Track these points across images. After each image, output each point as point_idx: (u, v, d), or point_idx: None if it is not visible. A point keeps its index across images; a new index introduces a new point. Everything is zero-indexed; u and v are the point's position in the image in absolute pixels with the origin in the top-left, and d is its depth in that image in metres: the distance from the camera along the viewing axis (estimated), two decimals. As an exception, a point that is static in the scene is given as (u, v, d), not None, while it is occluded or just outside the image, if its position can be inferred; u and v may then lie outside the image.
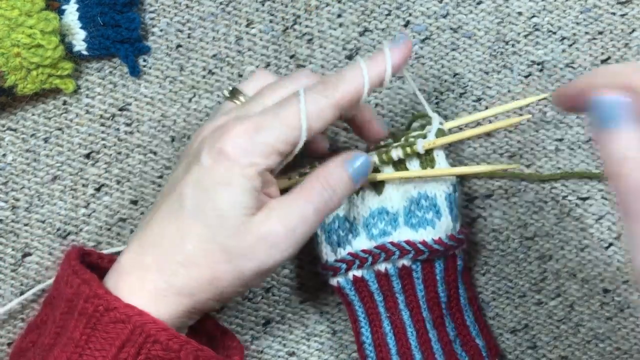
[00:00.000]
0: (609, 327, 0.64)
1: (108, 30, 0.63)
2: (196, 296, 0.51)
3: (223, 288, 0.51)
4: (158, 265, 0.51)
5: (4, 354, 0.63)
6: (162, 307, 0.50)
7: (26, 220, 0.64)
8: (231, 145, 0.50)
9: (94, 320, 0.49)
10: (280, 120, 0.51)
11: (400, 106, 0.65)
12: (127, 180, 0.64)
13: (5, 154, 0.64)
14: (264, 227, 0.50)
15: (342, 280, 0.60)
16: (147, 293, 0.50)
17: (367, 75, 0.52)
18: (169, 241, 0.51)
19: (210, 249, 0.50)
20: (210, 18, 0.65)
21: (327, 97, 0.51)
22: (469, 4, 0.65)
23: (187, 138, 0.64)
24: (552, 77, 0.65)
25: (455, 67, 0.65)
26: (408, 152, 0.58)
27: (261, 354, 0.65)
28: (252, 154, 0.50)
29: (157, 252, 0.51)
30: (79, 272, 0.52)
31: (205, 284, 0.51)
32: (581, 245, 0.64)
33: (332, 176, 0.53)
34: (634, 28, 0.65)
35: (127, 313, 0.49)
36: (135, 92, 0.65)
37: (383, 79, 0.53)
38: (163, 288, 0.50)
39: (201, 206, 0.50)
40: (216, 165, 0.50)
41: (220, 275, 0.51)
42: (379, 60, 0.52)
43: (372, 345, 0.60)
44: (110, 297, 0.49)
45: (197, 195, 0.51)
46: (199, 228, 0.50)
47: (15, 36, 0.59)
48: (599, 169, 0.64)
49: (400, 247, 0.59)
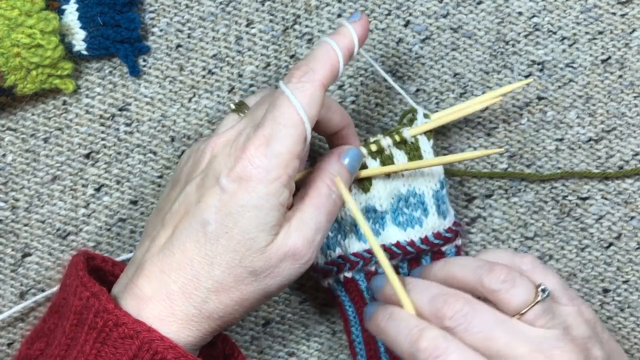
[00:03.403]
0: (609, 327, 0.64)
1: (108, 30, 0.63)
2: (225, 317, 0.52)
3: (250, 305, 0.52)
4: (186, 292, 0.51)
5: (3, 354, 0.63)
6: (193, 332, 0.51)
7: (26, 221, 0.64)
8: (251, 167, 0.50)
9: (103, 335, 0.49)
10: (282, 124, 0.50)
11: (400, 106, 0.65)
12: (127, 181, 0.64)
13: (5, 154, 0.64)
14: (286, 245, 0.51)
15: (332, 282, 0.61)
16: (178, 320, 0.51)
17: (339, 48, 0.52)
18: (196, 268, 0.51)
19: (239, 273, 0.51)
20: (210, 18, 0.65)
21: (311, 81, 0.51)
22: (469, 4, 0.65)
23: (187, 138, 0.64)
24: (552, 77, 0.65)
25: (455, 67, 0.65)
26: (397, 139, 0.59)
27: (261, 354, 0.65)
28: (272, 169, 0.50)
29: (184, 279, 0.51)
30: (87, 285, 0.52)
31: (236, 306, 0.51)
32: (581, 245, 0.64)
33: (332, 172, 0.54)
34: (634, 28, 0.65)
35: (135, 329, 0.49)
36: (135, 92, 0.65)
37: (352, 51, 0.53)
38: (193, 314, 0.51)
39: (228, 231, 0.50)
40: (240, 190, 0.50)
41: (248, 296, 0.51)
42: (344, 33, 0.53)
43: (362, 343, 0.61)
44: (120, 313, 0.49)
45: (222, 220, 0.50)
46: (226, 253, 0.50)
47: (15, 36, 0.59)
48: (599, 169, 0.64)
49: (391, 250, 0.59)
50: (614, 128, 0.64)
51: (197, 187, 0.52)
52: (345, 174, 0.55)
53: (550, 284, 0.55)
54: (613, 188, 0.64)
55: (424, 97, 0.65)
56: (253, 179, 0.50)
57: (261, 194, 0.50)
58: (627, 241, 0.64)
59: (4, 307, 0.63)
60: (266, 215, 0.50)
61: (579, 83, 0.64)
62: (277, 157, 0.50)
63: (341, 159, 0.55)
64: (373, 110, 0.65)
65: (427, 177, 0.60)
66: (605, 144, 0.64)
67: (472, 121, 0.65)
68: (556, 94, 0.65)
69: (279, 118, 0.50)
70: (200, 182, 0.52)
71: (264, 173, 0.50)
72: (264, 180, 0.50)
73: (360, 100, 0.65)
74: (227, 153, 0.51)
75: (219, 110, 0.64)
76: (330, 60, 0.52)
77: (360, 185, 0.59)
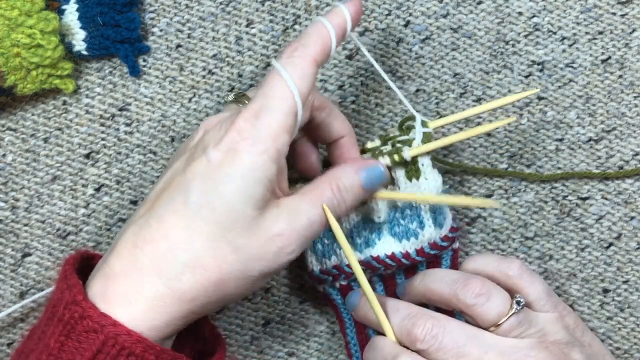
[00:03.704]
0: (609, 327, 0.64)
1: (108, 30, 0.63)
2: (198, 300, 0.48)
3: (228, 291, 0.49)
4: (158, 266, 0.48)
5: (4, 354, 0.63)
6: (159, 315, 0.48)
7: (26, 221, 0.64)
8: (238, 137, 0.48)
9: (68, 328, 0.47)
10: (272, 97, 0.49)
11: (400, 106, 0.65)
12: (127, 181, 0.64)
13: (5, 154, 0.64)
14: (274, 227, 0.49)
15: (328, 288, 0.61)
16: (144, 299, 0.47)
17: (331, 26, 0.52)
18: (172, 239, 0.48)
19: (220, 248, 0.48)
20: (210, 18, 0.65)
21: (301, 56, 0.50)
22: (469, 4, 0.65)
23: (187, 138, 0.64)
24: (552, 77, 0.65)
25: (455, 67, 0.65)
26: (396, 159, 0.58)
27: (261, 354, 0.65)
28: (260, 140, 0.48)
29: (158, 252, 0.48)
30: (67, 277, 0.49)
31: (211, 288, 0.48)
32: (581, 245, 0.64)
33: (342, 180, 0.52)
34: (634, 28, 0.65)
35: (100, 322, 0.46)
36: (135, 92, 0.65)
37: (345, 30, 0.53)
38: (163, 293, 0.47)
39: (210, 201, 0.48)
40: (226, 159, 0.48)
41: (227, 277, 0.48)
42: (336, 12, 0.53)
43: (357, 345, 0.62)
44: (86, 304, 0.47)
45: (205, 190, 0.48)
46: (208, 225, 0.47)
47: (15, 36, 0.59)
48: (599, 169, 0.64)
49: (385, 263, 0.59)
50: (614, 128, 0.64)
51: (185, 161, 0.51)
52: (355, 188, 0.53)
53: (535, 291, 0.55)
54: (613, 188, 0.64)
55: (424, 97, 0.65)
56: (240, 150, 0.48)
57: (248, 165, 0.48)
58: (627, 241, 0.64)
59: (4, 307, 0.64)
60: (252, 188, 0.48)
61: (579, 83, 0.64)
62: (266, 129, 0.48)
63: (358, 172, 0.53)
64: (373, 110, 0.65)
65: (424, 191, 0.58)
66: (605, 144, 0.64)
67: (472, 121, 0.65)
68: (556, 94, 0.65)
69: (269, 92, 0.50)
70: (188, 156, 0.51)
71: (252, 144, 0.48)
72: (251, 151, 0.48)
73: (360, 100, 0.65)
74: (218, 128, 0.50)
75: (219, 110, 0.64)
76: (322, 37, 0.51)
77: None
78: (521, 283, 0.55)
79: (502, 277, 0.56)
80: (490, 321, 0.53)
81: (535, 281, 0.56)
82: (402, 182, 0.58)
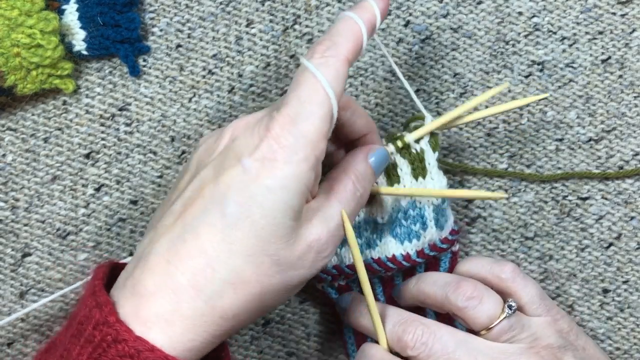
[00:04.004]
0: (609, 327, 0.64)
1: (108, 30, 0.63)
2: (239, 317, 0.46)
3: (268, 303, 0.47)
4: (196, 285, 0.45)
5: (4, 354, 0.63)
6: (199, 336, 0.45)
7: (26, 220, 0.64)
8: (277, 146, 0.45)
9: (99, 351, 0.44)
10: (308, 102, 0.46)
11: (400, 106, 0.65)
12: (127, 180, 0.64)
13: (5, 154, 0.64)
14: (311, 235, 0.47)
15: (326, 287, 0.61)
16: (182, 320, 0.44)
17: (362, 22, 0.49)
18: (210, 255, 0.45)
19: (261, 262, 0.45)
20: (210, 18, 0.65)
21: (335, 55, 0.47)
22: (469, 4, 0.65)
23: (187, 138, 0.64)
24: (552, 77, 0.65)
25: (455, 67, 0.65)
26: (399, 145, 0.58)
27: (261, 354, 0.65)
28: (300, 148, 0.45)
29: (194, 269, 0.45)
30: (96, 294, 0.46)
31: (253, 303, 0.46)
32: (581, 245, 0.64)
33: (358, 169, 0.51)
34: (634, 28, 0.65)
35: (136, 347, 0.43)
36: (135, 92, 0.65)
37: (374, 25, 0.50)
38: (203, 312, 0.45)
39: (250, 214, 0.45)
40: (265, 170, 0.45)
41: (269, 289, 0.46)
42: (365, 7, 0.50)
43: (354, 344, 0.62)
44: (121, 327, 0.43)
45: (243, 202, 0.45)
46: (247, 238, 0.45)
47: (15, 36, 0.59)
48: (599, 169, 0.64)
49: (385, 265, 0.59)
50: (614, 128, 0.64)
51: (214, 169, 0.47)
52: (369, 174, 0.52)
53: (528, 294, 0.55)
54: (613, 188, 0.64)
55: (424, 97, 0.65)
56: (279, 159, 0.45)
57: (288, 175, 0.45)
58: (627, 241, 0.64)
59: (4, 307, 0.64)
60: (292, 199, 0.45)
61: (579, 83, 0.64)
62: (305, 137, 0.46)
63: (368, 158, 0.52)
64: (373, 110, 0.65)
65: None
66: (605, 144, 0.64)
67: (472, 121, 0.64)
68: (556, 94, 0.65)
69: (304, 96, 0.46)
70: (218, 164, 0.47)
71: (291, 153, 0.45)
72: (290, 160, 0.45)
73: (360, 100, 0.65)
74: (250, 134, 0.47)
75: (219, 110, 0.64)
76: (354, 34, 0.48)
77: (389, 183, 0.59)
78: (514, 286, 0.56)
79: (495, 280, 0.56)
80: (481, 324, 0.53)
81: (528, 284, 0.56)
82: (407, 180, 0.58)
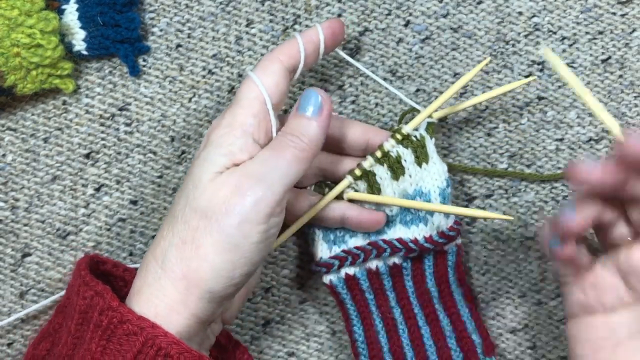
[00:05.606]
0: (609, 327, 0.64)
1: (108, 30, 0.63)
2: (209, 283, 0.51)
3: (226, 262, 0.51)
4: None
5: (4, 354, 0.63)
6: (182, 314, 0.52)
7: (26, 221, 0.64)
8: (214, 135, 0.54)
9: (108, 332, 0.50)
10: (241, 91, 0.55)
11: (400, 106, 0.65)
12: (127, 180, 0.64)
13: (5, 154, 0.64)
14: (230, 180, 0.52)
15: (334, 279, 0.61)
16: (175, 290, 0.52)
17: (299, 37, 0.56)
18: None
19: (191, 217, 0.52)
20: (210, 18, 0.65)
21: (267, 57, 0.56)
22: (469, 3, 0.65)
23: (187, 138, 0.64)
24: (552, 77, 0.65)
25: (455, 67, 0.65)
26: (398, 137, 0.59)
27: (261, 354, 0.65)
28: (229, 123, 0.53)
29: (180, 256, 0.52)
30: (90, 283, 0.53)
31: (204, 264, 0.51)
32: (581, 245, 0.64)
33: (293, 127, 0.54)
34: (634, 28, 0.65)
35: (140, 325, 0.50)
36: (135, 92, 0.65)
37: (316, 41, 0.57)
38: (185, 286, 0.51)
39: (184, 181, 0.54)
40: None
41: (211, 248, 0.51)
42: (311, 28, 0.57)
43: (365, 342, 0.61)
44: (124, 310, 0.50)
45: (187, 177, 0.54)
46: (180, 197, 0.53)
47: (15, 36, 0.59)
48: (599, 169, 0.64)
49: (392, 244, 0.60)
50: (614, 128, 0.64)
51: None
52: (305, 124, 0.54)
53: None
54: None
55: (424, 97, 0.65)
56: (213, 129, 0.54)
57: (214, 137, 0.53)
58: (627, 241, 0.64)
59: (4, 307, 0.64)
60: (212, 157, 0.52)
61: (579, 83, 0.64)
62: (234, 117, 0.54)
63: (298, 112, 0.55)
64: (373, 110, 0.65)
65: (434, 175, 0.60)
66: (605, 144, 0.64)
67: (472, 121, 0.65)
68: (556, 94, 0.65)
69: (239, 90, 0.55)
70: None
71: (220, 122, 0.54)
72: (219, 125, 0.54)
73: (360, 100, 0.65)
74: None
75: (219, 110, 0.64)
76: (289, 44, 0.56)
77: (371, 189, 0.59)
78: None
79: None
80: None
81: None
82: (412, 170, 0.59)
